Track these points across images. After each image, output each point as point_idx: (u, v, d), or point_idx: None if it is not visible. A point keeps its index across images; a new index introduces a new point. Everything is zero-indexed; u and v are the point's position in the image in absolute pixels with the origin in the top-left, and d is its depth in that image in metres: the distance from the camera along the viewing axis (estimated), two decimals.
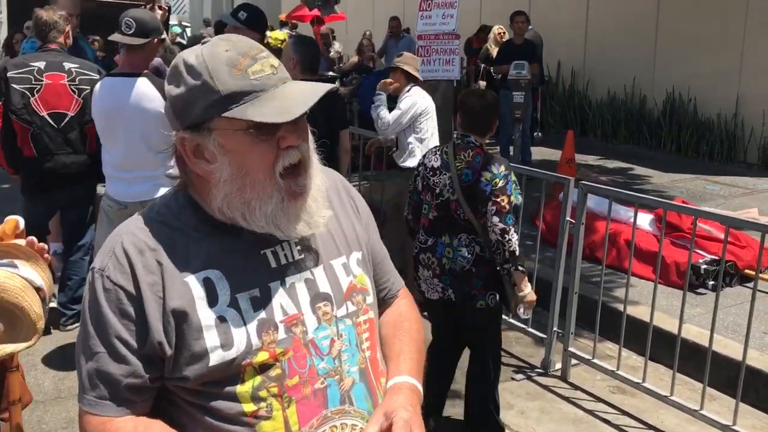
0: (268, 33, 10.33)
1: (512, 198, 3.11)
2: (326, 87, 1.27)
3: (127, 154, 3.75)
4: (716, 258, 5.06)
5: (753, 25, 9.15)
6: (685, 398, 3.69)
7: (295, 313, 1.30)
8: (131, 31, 3.72)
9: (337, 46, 11.74)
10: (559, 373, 4.19)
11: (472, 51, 11.39)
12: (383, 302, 1.55)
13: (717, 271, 4.96)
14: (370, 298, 1.43)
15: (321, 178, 1.35)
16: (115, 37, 3.83)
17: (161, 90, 4.06)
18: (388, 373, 1.41)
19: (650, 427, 3.68)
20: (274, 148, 1.24)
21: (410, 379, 1.39)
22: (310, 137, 1.32)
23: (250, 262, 1.30)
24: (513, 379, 4.13)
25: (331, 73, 10.10)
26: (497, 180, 3.11)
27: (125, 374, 1.23)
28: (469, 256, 3.18)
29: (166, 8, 4.77)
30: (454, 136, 3.46)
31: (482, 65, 10.17)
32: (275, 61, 1.27)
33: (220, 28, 4.99)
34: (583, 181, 4.04)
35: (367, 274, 1.45)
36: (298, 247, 1.35)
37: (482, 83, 9.85)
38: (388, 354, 1.46)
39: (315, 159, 1.34)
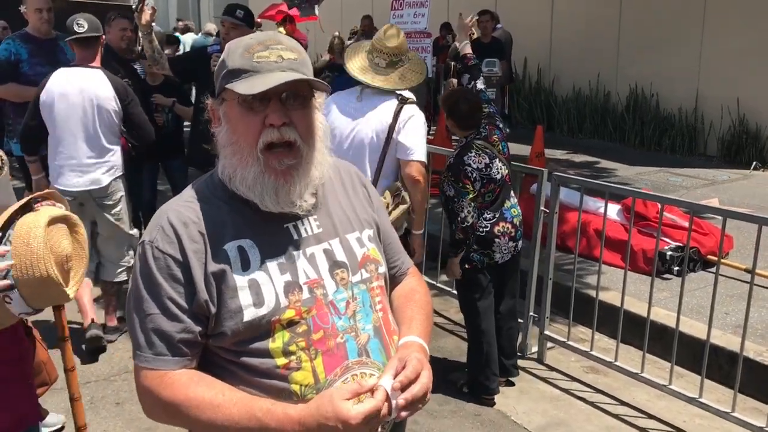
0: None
1: None
2: (309, 77, 1.44)
3: (76, 143, 4.26)
4: (680, 245, 5.32)
5: (711, 23, 9.51)
6: (654, 375, 3.92)
7: (315, 278, 1.48)
8: (84, 29, 4.36)
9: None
10: (535, 356, 4.40)
11: (439, 48, 11.58)
12: (394, 279, 1.74)
13: (681, 257, 5.24)
14: (382, 268, 1.62)
15: (320, 170, 1.50)
16: (71, 36, 4.40)
17: (114, 83, 4.45)
18: (399, 333, 1.60)
19: (623, 403, 3.91)
20: (259, 122, 1.42)
21: (419, 339, 1.57)
22: (316, 127, 1.49)
23: (276, 233, 1.48)
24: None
25: None
26: (502, 126, 3.97)
27: (178, 330, 1.40)
28: (519, 208, 3.92)
29: (155, 8, 4.85)
30: (470, 135, 3.86)
31: (452, 63, 10.36)
32: (291, 55, 1.45)
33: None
34: (556, 173, 4.24)
35: (379, 249, 1.64)
36: (317, 223, 1.54)
37: (453, 81, 10.05)
38: (400, 319, 1.64)
39: (318, 153, 1.49)
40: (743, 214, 3.57)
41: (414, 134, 3.54)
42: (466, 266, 3.84)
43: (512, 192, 3.94)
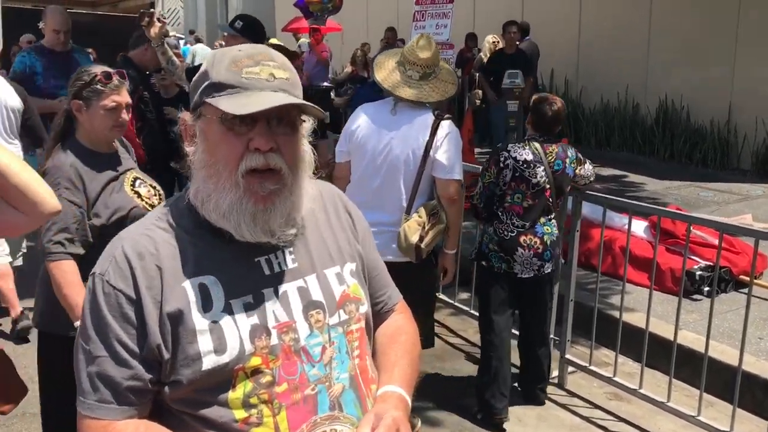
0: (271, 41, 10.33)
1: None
2: (305, 102, 1.30)
3: None
4: (711, 264, 5.08)
5: (745, 33, 9.23)
6: (681, 404, 3.70)
7: (287, 320, 1.32)
8: None
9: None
10: (555, 381, 4.20)
11: (464, 60, 11.45)
12: (379, 315, 1.57)
13: (711, 277, 5.00)
14: (364, 308, 1.44)
15: (303, 201, 1.35)
16: None
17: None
18: (379, 382, 1.43)
19: None
20: (242, 145, 1.27)
21: (400, 389, 1.40)
22: (303, 155, 1.34)
23: (244, 268, 1.32)
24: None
25: (325, 84, 10.13)
26: (574, 161, 3.82)
27: (127, 377, 1.24)
28: (556, 231, 3.80)
29: (165, 20, 4.79)
30: (529, 136, 3.87)
31: (476, 74, 10.22)
32: (282, 74, 1.30)
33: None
34: (577, 190, 4.05)
35: (361, 285, 1.46)
36: (292, 256, 1.37)
37: (479, 92, 9.90)
38: (382, 364, 1.47)
39: (303, 178, 1.34)
40: None
41: (452, 152, 3.38)
42: (483, 263, 3.78)
43: (552, 213, 3.79)
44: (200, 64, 5.71)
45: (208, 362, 1.24)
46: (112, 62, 6.10)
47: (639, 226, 5.60)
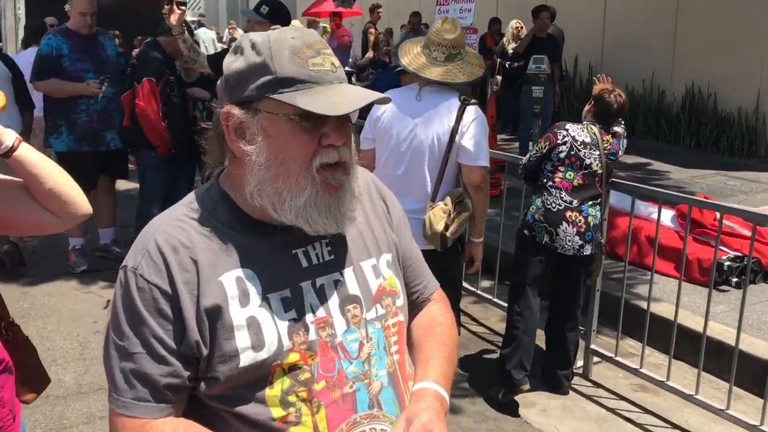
0: (322, 25, 10.27)
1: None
2: (377, 94, 1.27)
3: None
4: (740, 255, 4.99)
5: None
6: (709, 397, 3.64)
7: (323, 315, 1.28)
8: None
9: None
10: (581, 371, 4.15)
11: (486, 50, 11.32)
12: (415, 305, 1.53)
13: (740, 268, 4.91)
14: (400, 301, 1.40)
15: (359, 182, 1.33)
16: None
17: None
18: (415, 377, 1.39)
19: (674, 426, 3.64)
20: (314, 142, 1.22)
21: (435, 385, 1.36)
22: (353, 141, 1.31)
23: (281, 261, 1.28)
24: (535, 376, 4.08)
25: (347, 69, 10.08)
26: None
27: (165, 374, 1.21)
28: (600, 214, 3.83)
29: (183, 8, 4.75)
30: (587, 122, 3.96)
31: (498, 60, 10.10)
32: (336, 61, 1.26)
33: None
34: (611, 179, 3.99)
35: (397, 277, 1.42)
36: (329, 248, 1.33)
37: (498, 78, 9.79)
38: (417, 358, 1.43)
39: (355, 162, 1.32)
40: None
41: (478, 138, 3.34)
42: (525, 232, 3.80)
43: (599, 198, 3.84)
44: (222, 51, 5.69)
45: (246, 358, 1.21)
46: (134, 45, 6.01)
47: (665, 216, 5.49)
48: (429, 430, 1.21)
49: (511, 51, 9.47)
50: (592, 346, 4.11)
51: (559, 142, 3.78)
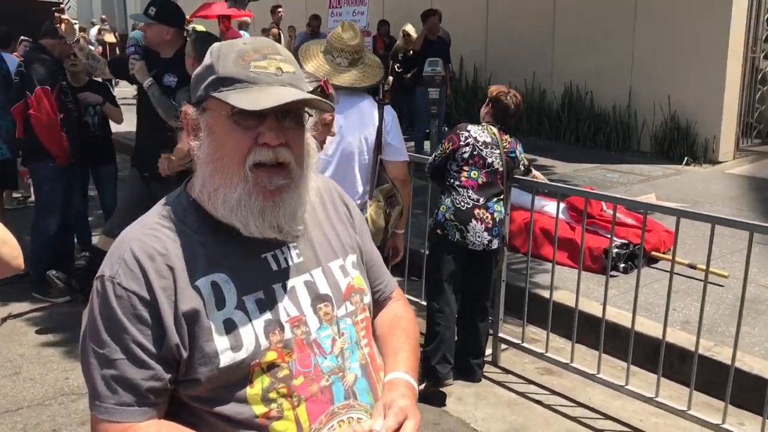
0: (193, 26, 9.99)
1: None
2: (317, 97, 1.32)
3: None
4: (626, 242, 5.39)
5: (642, 22, 9.74)
6: (609, 375, 3.93)
7: (297, 314, 1.34)
8: None
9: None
10: (490, 359, 4.35)
11: (377, 53, 11.50)
12: (377, 303, 1.61)
13: (627, 254, 5.30)
14: (367, 298, 1.48)
15: (311, 192, 1.37)
16: None
17: None
18: (385, 368, 1.47)
19: (580, 404, 3.90)
20: (250, 139, 1.27)
21: (406, 375, 1.45)
22: (308, 149, 1.35)
23: (252, 265, 1.33)
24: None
25: None
26: (522, 156, 4.26)
27: (146, 378, 1.24)
28: (504, 210, 4.05)
29: (68, 19, 4.57)
30: (486, 122, 4.14)
31: (391, 62, 10.30)
32: (289, 68, 1.30)
33: None
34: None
35: (363, 276, 1.50)
36: (297, 251, 1.39)
37: (390, 78, 9.98)
38: (384, 351, 1.52)
39: (309, 173, 1.35)
40: (698, 214, 3.60)
41: (399, 135, 3.57)
42: (438, 231, 3.96)
43: (502, 195, 4.06)
44: (121, 56, 5.52)
45: (225, 359, 1.25)
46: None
47: (555, 208, 5.84)
48: (406, 414, 1.30)
49: (401, 55, 9.71)
50: (500, 334, 4.33)
51: (462, 143, 3.97)
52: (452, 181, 3.98)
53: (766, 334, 4.31)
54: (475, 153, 3.95)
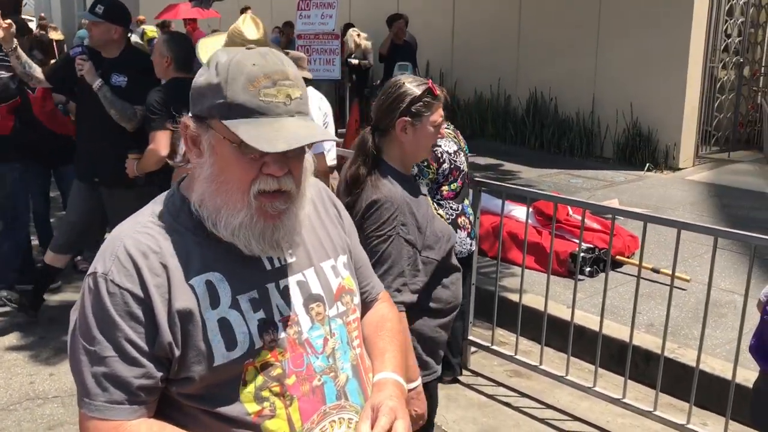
0: (144, 28, 9.88)
1: None
2: (324, 134, 1.32)
3: None
4: (591, 246, 5.48)
5: (605, 31, 9.91)
6: (576, 377, 3.99)
7: (289, 314, 1.35)
8: None
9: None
10: (459, 362, 4.39)
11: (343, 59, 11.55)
12: (364, 305, 1.62)
13: (592, 258, 5.40)
14: (357, 299, 1.50)
15: (307, 207, 1.38)
16: None
17: None
18: (373, 369, 1.49)
19: (548, 406, 3.96)
20: (255, 169, 1.27)
21: (394, 375, 1.47)
22: (306, 173, 1.36)
23: (246, 265, 1.33)
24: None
25: None
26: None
27: (138, 375, 1.23)
28: (475, 213, 4.03)
29: (8, 25, 4.37)
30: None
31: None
32: (296, 93, 1.28)
33: None
34: (477, 178, 4.25)
35: (353, 277, 1.52)
36: (290, 251, 1.39)
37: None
38: (371, 352, 1.53)
39: (306, 195, 1.37)
40: (664, 219, 3.69)
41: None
42: None
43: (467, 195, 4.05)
44: (62, 62, 5.22)
45: (220, 358, 1.26)
46: None
47: (522, 212, 5.91)
48: (395, 414, 1.32)
49: (355, 60, 9.78)
50: (470, 337, 4.37)
51: (441, 160, 3.84)
52: (435, 196, 3.88)
53: (728, 336, 4.42)
54: (452, 167, 3.86)
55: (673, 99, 9.28)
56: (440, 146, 3.85)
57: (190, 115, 1.32)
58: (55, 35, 9.25)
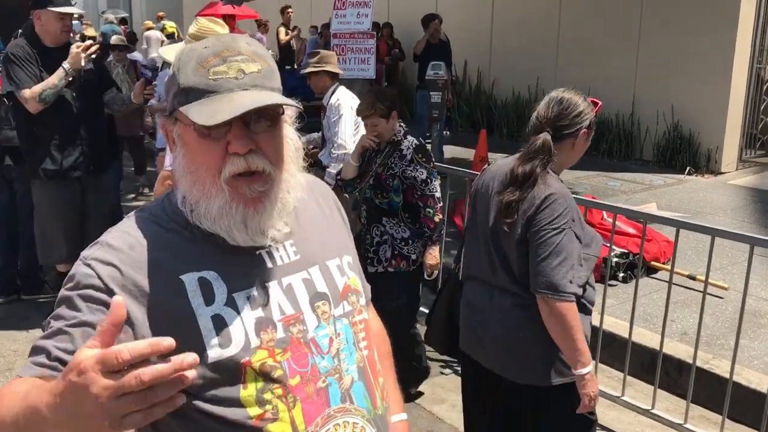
0: (164, 23, 9.93)
1: None
2: (276, 98, 1.23)
3: None
4: (625, 251, 5.35)
5: (647, 30, 9.70)
6: (604, 386, 3.89)
7: (293, 312, 1.30)
8: None
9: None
10: None
11: (379, 58, 11.53)
12: None
13: (626, 264, 5.27)
14: (363, 300, 1.45)
15: (293, 194, 1.32)
16: None
17: None
18: None
19: None
20: (221, 150, 1.22)
21: (403, 415, 1.51)
22: (287, 146, 1.29)
23: (245, 262, 1.29)
24: (442, 373, 4.22)
25: None
26: None
27: (61, 348, 1.16)
28: None
29: None
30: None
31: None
32: (253, 67, 1.23)
33: None
34: None
35: (359, 278, 1.47)
36: (294, 248, 1.35)
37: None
38: None
39: (290, 176, 1.30)
40: (697, 225, 3.56)
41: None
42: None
43: None
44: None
45: (213, 354, 1.21)
46: None
47: None
48: None
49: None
50: None
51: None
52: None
53: (766, 348, 4.27)
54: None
55: (716, 101, 9.03)
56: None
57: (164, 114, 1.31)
58: (90, 32, 9.42)
